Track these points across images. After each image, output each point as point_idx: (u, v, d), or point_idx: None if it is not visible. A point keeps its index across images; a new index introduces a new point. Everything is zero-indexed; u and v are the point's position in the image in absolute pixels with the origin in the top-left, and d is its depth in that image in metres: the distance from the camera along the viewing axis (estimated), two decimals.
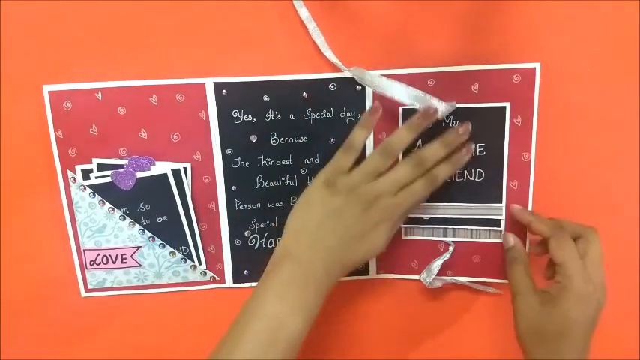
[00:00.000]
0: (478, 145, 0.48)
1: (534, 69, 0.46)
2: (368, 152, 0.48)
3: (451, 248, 0.50)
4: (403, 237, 0.51)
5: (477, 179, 0.48)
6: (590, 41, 0.46)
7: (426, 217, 0.50)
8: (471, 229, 0.50)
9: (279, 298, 0.40)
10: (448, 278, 0.50)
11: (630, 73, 0.47)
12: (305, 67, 0.46)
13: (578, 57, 0.46)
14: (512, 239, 0.48)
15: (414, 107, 0.44)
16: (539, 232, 0.46)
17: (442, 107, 0.44)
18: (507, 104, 0.47)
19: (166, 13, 0.46)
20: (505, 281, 0.50)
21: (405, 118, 0.47)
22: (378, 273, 0.51)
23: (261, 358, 0.38)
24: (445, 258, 0.50)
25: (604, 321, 0.52)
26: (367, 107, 0.47)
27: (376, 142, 0.48)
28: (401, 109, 0.47)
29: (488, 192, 0.49)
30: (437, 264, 0.50)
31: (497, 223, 0.49)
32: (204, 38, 0.46)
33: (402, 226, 0.50)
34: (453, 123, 0.47)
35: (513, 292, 0.45)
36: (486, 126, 0.47)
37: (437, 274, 0.50)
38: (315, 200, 0.43)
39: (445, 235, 0.50)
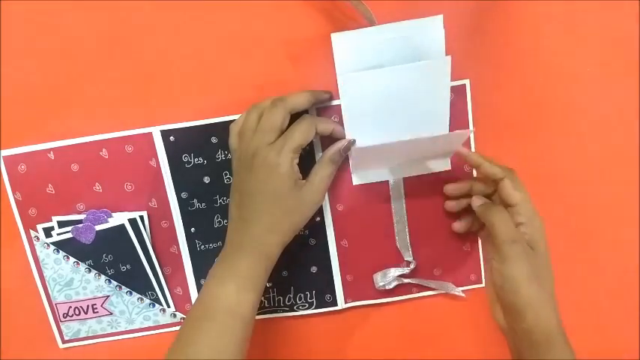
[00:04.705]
0: None
1: (465, 85, 0.47)
2: None
3: (412, 265, 0.50)
4: None
5: None
6: (512, 55, 0.47)
7: None
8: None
9: (210, 276, 0.43)
10: (406, 280, 0.50)
11: (564, 81, 0.48)
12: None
13: (504, 70, 0.47)
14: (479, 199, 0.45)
15: None
16: (492, 173, 0.43)
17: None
18: None
19: (107, 67, 0.47)
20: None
21: None
22: (346, 303, 0.51)
23: (201, 330, 0.40)
24: (404, 272, 0.50)
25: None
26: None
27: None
28: None
29: None
30: (394, 272, 0.50)
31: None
32: (147, 88, 0.47)
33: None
34: None
35: (503, 240, 0.40)
36: None
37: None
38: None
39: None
